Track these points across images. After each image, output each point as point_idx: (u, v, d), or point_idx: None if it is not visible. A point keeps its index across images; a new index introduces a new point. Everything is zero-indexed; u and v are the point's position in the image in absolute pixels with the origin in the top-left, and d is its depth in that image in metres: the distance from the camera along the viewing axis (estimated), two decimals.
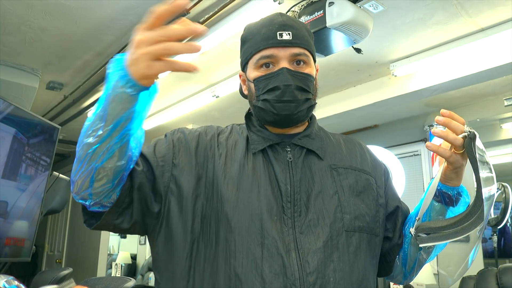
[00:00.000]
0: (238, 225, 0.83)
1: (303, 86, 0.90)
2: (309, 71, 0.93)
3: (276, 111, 0.90)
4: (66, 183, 2.24)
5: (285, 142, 0.94)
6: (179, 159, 0.90)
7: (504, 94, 3.72)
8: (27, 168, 2.06)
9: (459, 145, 0.81)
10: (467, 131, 0.80)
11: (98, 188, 0.79)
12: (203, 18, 2.59)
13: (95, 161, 0.76)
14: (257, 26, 0.95)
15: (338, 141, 1.03)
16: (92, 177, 0.78)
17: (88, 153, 0.76)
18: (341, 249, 0.84)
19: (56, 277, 1.72)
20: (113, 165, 0.77)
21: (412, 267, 0.97)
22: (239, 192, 0.86)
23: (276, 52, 0.90)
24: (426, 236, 0.83)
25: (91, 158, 0.76)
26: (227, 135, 0.97)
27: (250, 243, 0.82)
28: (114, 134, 0.74)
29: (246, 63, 0.96)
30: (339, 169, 0.94)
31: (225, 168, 0.89)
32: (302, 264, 0.80)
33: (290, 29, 0.91)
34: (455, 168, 0.85)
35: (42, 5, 2.56)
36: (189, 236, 0.85)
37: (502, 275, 2.91)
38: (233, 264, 0.80)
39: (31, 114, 1.95)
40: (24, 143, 2.02)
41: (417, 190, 4.26)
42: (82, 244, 5.48)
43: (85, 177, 0.78)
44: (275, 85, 0.89)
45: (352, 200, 0.90)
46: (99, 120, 0.74)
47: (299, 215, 0.85)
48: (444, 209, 0.89)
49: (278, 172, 0.89)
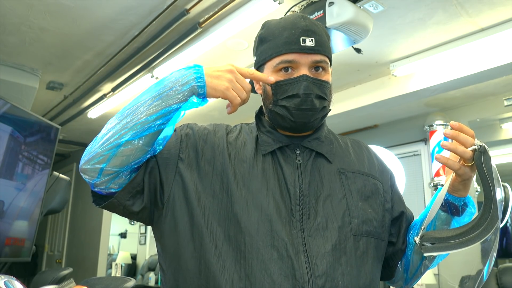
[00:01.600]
0: (248, 226, 0.83)
1: (321, 94, 0.90)
2: (326, 78, 0.92)
3: (294, 119, 0.90)
4: (66, 183, 2.24)
5: (294, 144, 0.94)
6: (186, 154, 0.91)
7: (504, 94, 3.72)
8: (25, 168, 2.06)
9: (469, 158, 0.81)
10: (478, 145, 0.80)
11: (111, 167, 0.82)
12: (203, 18, 2.60)
13: (129, 132, 0.81)
14: (278, 28, 0.93)
15: (346, 144, 1.02)
16: (114, 149, 0.81)
17: (128, 123, 0.81)
18: (348, 253, 0.84)
19: (56, 277, 1.71)
20: (140, 146, 0.82)
21: (414, 273, 0.97)
22: (248, 192, 0.86)
23: (298, 58, 0.89)
24: (431, 245, 0.83)
25: (130, 127, 0.81)
26: (236, 135, 0.97)
27: (260, 244, 0.81)
28: (160, 116, 0.81)
29: (263, 63, 0.94)
30: (347, 173, 0.93)
31: (235, 167, 0.89)
32: (311, 266, 0.80)
33: (313, 35, 0.90)
34: (463, 180, 0.85)
35: (42, 5, 2.56)
36: (195, 230, 0.85)
37: (502, 275, 2.91)
38: (244, 265, 0.80)
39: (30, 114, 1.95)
40: (21, 142, 2.02)
41: (417, 190, 4.26)
42: (82, 244, 5.48)
43: (107, 148, 0.81)
44: (295, 93, 0.88)
45: (360, 205, 0.90)
46: (151, 100, 0.82)
47: (308, 218, 0.85)
48: (449, 218, 0.89)
49: (287, 174, 0.89)
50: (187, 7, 2.55)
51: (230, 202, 0.85)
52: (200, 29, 2.65)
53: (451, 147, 0.80)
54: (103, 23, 2.76)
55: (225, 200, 0.86)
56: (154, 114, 0.81)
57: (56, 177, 2.20)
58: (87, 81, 3.68)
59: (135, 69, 3.36)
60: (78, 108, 4.36)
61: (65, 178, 2.25)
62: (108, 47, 3.09)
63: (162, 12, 2.58)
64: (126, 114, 0.83)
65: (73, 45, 3.08)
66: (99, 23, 2.76)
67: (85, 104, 4.24)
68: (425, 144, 4.26)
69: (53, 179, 2.18)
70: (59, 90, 3.89)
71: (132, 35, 2.89)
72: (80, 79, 3.70)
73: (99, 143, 0.82)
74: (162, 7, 2.55)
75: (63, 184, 2.20)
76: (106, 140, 0.82)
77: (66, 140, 5.59)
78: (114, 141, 0.81)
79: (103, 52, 3.19)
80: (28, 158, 2.06)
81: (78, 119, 4.61)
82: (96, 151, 0.82)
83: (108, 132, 0.82)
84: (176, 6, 2.54)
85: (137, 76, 3.40)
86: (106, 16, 2.67)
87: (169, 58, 3.05)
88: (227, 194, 0.86)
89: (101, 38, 2.96)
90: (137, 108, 0.82)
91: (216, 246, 0.83)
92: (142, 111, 0.82)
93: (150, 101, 0.82)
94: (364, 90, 3.71)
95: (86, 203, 5.61)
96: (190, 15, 2.59)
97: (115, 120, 0.84)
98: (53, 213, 2.24)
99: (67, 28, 2.83)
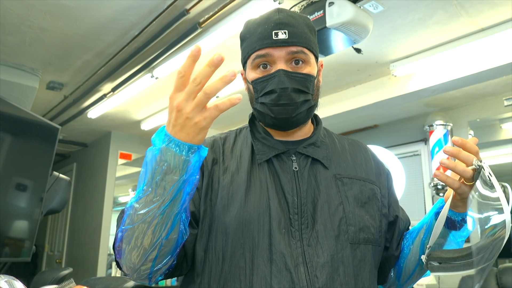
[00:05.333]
0: (247, 241, 0.82)
1: (300, 88, 0.87)
2: (308, 70, 0.89)
3: (274, 115, 0.88)
4: (66, 183, 2.24)
5: (290, 151, 0.92)
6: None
7: (504, 94, 3.73)
8: (25, 168, 2.06)
9: (469, 177, 0.78)
10: (476, 165, 0.77)
11: (159, 264, 0.77)
12: (203, 18, 2.60)
13: (160, 234, 0.73)
14: (254, 24, 0.91)
15: (344, 147, 1.00)
16: (157, 252, 0.74)
17: (150, 225, 0.72)
18: (346, 262, 0.83)
19: (56, 277, 1.71)
20: (176, 236, 0.76)
21: (406, 281, 0.96)
22: (247, 206, 0.84)
23: (271, 51, 0.87)
24: (438, 265, 0.81)
25: (156, 230, 0.72)
26: (231, 145, 0.95)
27: (260, 259, 0.80)
28: (174, 203, 0.72)
29: (245, 62, 0.94)
30: (344, 179, 0.92)
31: (232, 181, 0.88)
32: (311, 278, 0.79)
33: (287, 27, 0.87)
34: (462, 198, 0.83)
35: (42, 5, 2.56)
36: (198, 252, 0.85)
37: (502, 275, 2.91)
38: (244, 281, 0.80)
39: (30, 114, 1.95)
40: (21, 142, 2.02)
41: (417, 190, 4.26)
42: (82, 244, 5.47)
43: (145, 254, 0.74)
44: (271, 89, 0.86)
45: (357, 211, 0.88)
46: (155, 194, 0.71)
47: (306, 227, 0.84)
48: (446, 232, 0.88)
49: (284, 183, 0.87)
50: (187, 7, 2.55)
51: (228, 217, 0.84)
52: (200, 29, 2.65)
53: (450, 165, 0.77)
54: (103, 23, 2.76)
55: (222, 215, 0.85)
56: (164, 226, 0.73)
57: (56, 177, 2.20)
58: (87, 81, 3.68)
59: (135, 69, 3.36)
60: (78, 108, 4.36)
61: (65, 178, 2.25)
62: (108, 47, 3.09)
63: (162, 12, 2.58)
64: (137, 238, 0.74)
65: (73, 45, 3.08)
66: (99, 23, 2.76)
67: (85, 104, 4.24)
68: (425, 144, 4.26)
69: (53, 179, 2.17)
70: (59, 90, 3.89)
71: (132, 35, 2.89)
72: (80, 79, 3.69)
73: (128, 249, 0.75)
74: (162, 7, 2.55)
75: (63, 184, 2.20)
76: (134, 245, 0.74)
77: (66, 140, 5.59)
78: (149, 243, 0.74)
79: (103, 52, 3.19)
80: (28, 158, 2.06)
81: (78, 119, 4.61)
82: (128, 259, 0.76)
83: (133, 236, 0.74)
84: (176, 6, 2.54)
85: (137, 76, 3.40)
86: (106, 16, 2.67)
87: (169, 58, 3.05)
88: (225, 209, 0.85)
89: (101, 38, 2.96)
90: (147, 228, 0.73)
91: (213, 265, 0.83)
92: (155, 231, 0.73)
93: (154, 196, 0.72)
94: (364, 90, 3.71)
95: (86, 203, 5.61)
96: (190, 15, 2.59)
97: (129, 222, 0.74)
98: (53, 213, 2.24)
99: (67, 28, 2.83)
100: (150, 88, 3.71)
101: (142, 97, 4.00)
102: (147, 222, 0.72)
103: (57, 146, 2.17)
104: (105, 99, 3.94)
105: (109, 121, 4.83)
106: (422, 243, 0.89)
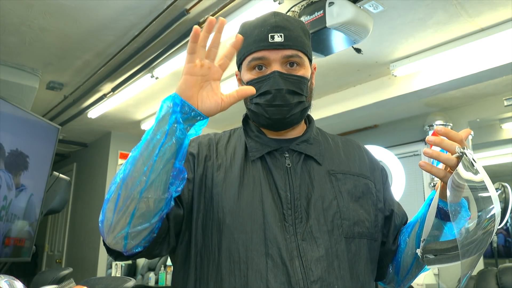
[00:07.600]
0: (241, 236, 0.83)
1: (295, 90, 0.89)
2: (302, 73, 0.91)
3: (268, 115, 0.90)
4: (66, 183, 2.24)
5: (283, 148, 0.93)
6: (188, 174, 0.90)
7: (504, 94, 3.73)
8: (25, 167, 2.06)
9: (453, 165, 0.76)
10: (459, 152, 0.76)
11: (136, 226, 0.76)
12: (203, 18, 2.60)
13: (141, 190, 0.74)
14: (250, 26, 0.94)
15: (337, 144, 1.01)
16: (133, 212, 0.75)
17: (137, 164, 0.75)
18: (340, 256, 0.84)
19: (56, 277, 1.71)
20: (157, 197, 0.76)
21: (405, 276, 0.96)
22: (240, 201, 0.85)
23: (267, 54, 0.89)
24: (434, 257, 0.81)
25: (139, 183, 0.74)
26: (225, 143, 0.97)
27: (254, 253, 0.81)
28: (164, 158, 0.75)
29: (240, 63, 0.96)
30: (337, 175, 0.92)
31: (225, 178, 0.89)
32: (306, 272, 0.80)
33: (282, 31, 0.90)
34: None
35: (42, 5, 2.56)
36: (193, 248, 0.86)
37: (502, 275, 2.91)
38: (238, 276, 0.80)
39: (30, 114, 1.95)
40: (21, 142, 2.02)
41: (417, 190, 4.27)
42: (82, 244, 5.48)
43: (123, 212, 0.75)
44: (266, 89, 0.88)
45: (351, 206, 0.89)
46: (153, 134, 0.80)
47: (300, 221, 0.85)
48: (441, 224, 0.87)
49: (277, 179, 0.89)
50: (187, 7, 2.55)
51: (222, 213, 0.85)
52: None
53: (433, 154, 0.75)
54: (103, 23, 2.76)
55: (216, 211, 0.86)
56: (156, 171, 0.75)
57: (56, 177, 2.20)
58: (87, 81, 3.68)
59: (135, 69, 3.36)
60: (78, 108, 4.36)
61: (65, 178, 2.25)
62: (108, 47, 3.09)
63: (162, 12, 2.59)
64: (128, 181, 0.75)
65: (73, 45, 3.08)
66: (99, 23, 2.76)
67: (85, 104, 4.24)
68: (425, 144, 4.26)
69: (53, 179, 2.18)
70: (59, 90, 3.90)
71: (132, 35, 2.89)
72: (80, 79, 3.70)
73: (109, 208, 0.77)
74: (162, 7, 2.55)
75: (63, 184, 2.20)
76: (116, 202, 0.76)
77: (66, 140, 5.59)
78: (128, 200, 0.75)
79: (103, 52, 3.19)
80: (28, 158, 2.06)
81: (78, 119, 4.61)
82: (107, 218, 0.77)
83: (116, 193, 0.76)
84: (176, 6, 2.54)
85: (137, 76, 3.40)
86: (106, 16, 2.67)
87: (169, 58, 3.06)
88: (218, 205, 0.86)
89: (101, 38, 2.96)
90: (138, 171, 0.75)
91: (209, 261, 0.84)
92: (144, 171, 0.75)
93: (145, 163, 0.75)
94: (364, 90, 3.71)
95: (86, 203, 5.62)
96: (190, 15, 2.59)
97: (118, 190, 0.76)
98: (53, 213, 2.24)
99: (67, 28, 2.83)
100: (150, 88, 3.71)
101: (142, 97, 4.01)
102: (136, 159, 0.75)
103: (57, 146, 2.17)
104: (105, 99, 3.94)
105: (109, 121, 4.83)
106: (418, 236, 0.89)
